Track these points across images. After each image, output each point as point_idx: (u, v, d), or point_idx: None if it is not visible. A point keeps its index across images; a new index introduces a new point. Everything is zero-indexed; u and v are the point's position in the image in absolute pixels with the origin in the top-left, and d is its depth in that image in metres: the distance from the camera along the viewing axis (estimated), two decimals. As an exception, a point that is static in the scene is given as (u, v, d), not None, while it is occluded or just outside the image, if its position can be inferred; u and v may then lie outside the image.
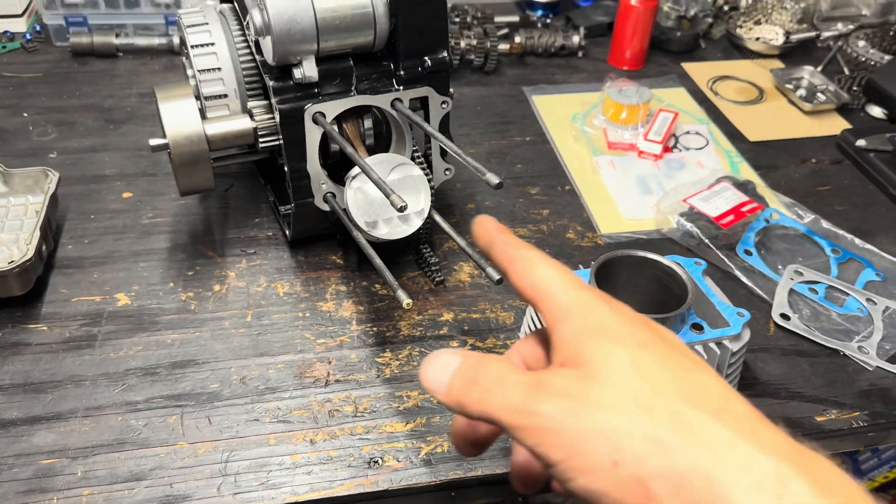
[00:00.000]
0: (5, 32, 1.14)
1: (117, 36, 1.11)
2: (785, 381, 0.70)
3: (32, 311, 0.72)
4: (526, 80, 1.14)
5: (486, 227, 0.41)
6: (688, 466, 0.31)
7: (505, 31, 1.20)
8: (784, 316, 0.75)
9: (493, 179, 0.54)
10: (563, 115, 1.06)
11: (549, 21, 1.24)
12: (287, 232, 0.79)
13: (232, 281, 0.77)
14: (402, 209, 0.52)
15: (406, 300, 0.55)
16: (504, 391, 0.34)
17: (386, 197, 0.54)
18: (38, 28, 1.15)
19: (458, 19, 1.18)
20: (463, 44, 1.12)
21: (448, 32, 0.70)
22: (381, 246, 0.67)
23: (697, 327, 0.63)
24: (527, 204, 0.91)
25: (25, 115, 0.99)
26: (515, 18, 1.24)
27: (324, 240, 0.81)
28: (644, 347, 0.34)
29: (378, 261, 0.60)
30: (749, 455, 0.31)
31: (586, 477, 0.32)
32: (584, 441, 0.32)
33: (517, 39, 1.17)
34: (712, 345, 0.63)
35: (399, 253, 0.81)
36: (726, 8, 1.27)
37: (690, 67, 1.17)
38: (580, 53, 1.19)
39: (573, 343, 0.35)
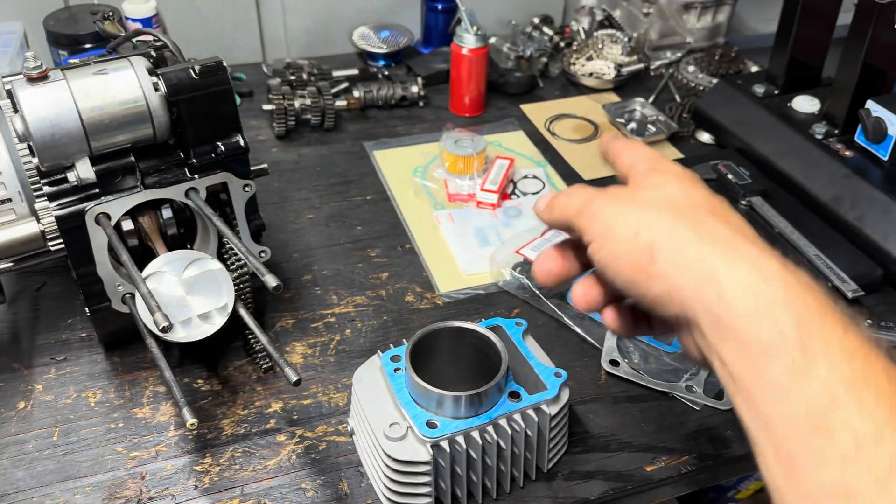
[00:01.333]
0: None
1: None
2: (616, 431, 0.70)
3: None
4: (367, 134, 1.13)
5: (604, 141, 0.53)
6: (691, 241, 0.42)
7: (344, 85, 1.19)
8: (613, 362, 0.75)
9: (271, 282, 0.51)
10: (405, 169, 1.05)
11: (387, 73, 1.24)
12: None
13: (38, 395, 0.71)
14: (164, 329, 0.49)
15: (190, 420, 0.52)
16: (571, 200, 0.48)
17: (150, 314, 0.50)
18: None
19: (293, 77, 1.16)
20: (297, 104, 1.10)
21: (238, 116, 0.67)
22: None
23: (515, 395, 0.62)
24: (366, 268, 0.89)
25: None
26: (355, 71, 1.22)
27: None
28: (695, 185, 0.46)
29: (168, 374, 0.57)
30: (750, 253, 0.41)
31: (612, 243, 0.44)
32: (619, 220, 0.44)
33: (355, 94, 1.16)
34: (530, 411, 0.62)
35: (227, 339, 0.77)
36: (563, 45, 1.30)
37: (529, 108, 1.18)
38: (421, 103, 1.19)
39: (638, 177, 0.48)
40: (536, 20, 1.32)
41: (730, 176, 0.97)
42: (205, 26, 1.25)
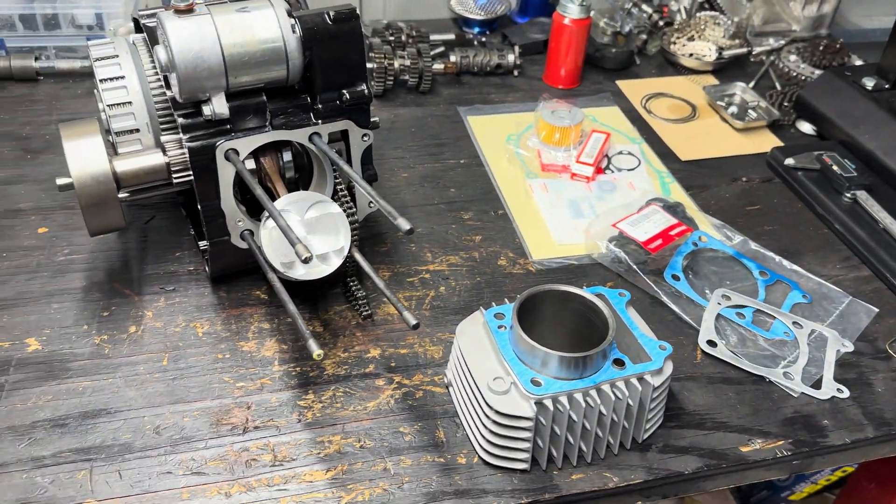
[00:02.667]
0: (-83, 56, 1.09)
1: (37, 59, 1.07)
2: (711, 410, 0.70)
3: (-67, 361, 0.69)
4: (461, 99, 1.13)
5: None
6: None
7: (441, 49, 1.19)
8: (711, 343, 0.75)
9: (404, 225, 0.52)
10: (498, 136, 1.05)
11: (484, 39, 1.23)
12: (207, 268, 0.76)
13: (149, 321, 0.74)
14: (306, 260, 0.50)
15: (316, 351, 0.53)
16: None
17: (291, 245, 0.52)
18: (-48, 51, 1.10)
19: (392, 38, 1.17)
20: (397, 64, 1.10)
21: (366, 66, 0.68)
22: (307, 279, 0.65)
23: (619, 363, 0.63)
24: (459, 230, 0.90)
25: (-65, 145, 0.95)
26: (451, 36, 1.23)
27: (248, 274, 0.79)
28: None
29: (291, 307, 0.58)
30: None
31: None
32: None
33: (452, 59, 1.16)
34: (634, 380, 0.62)
35: (328, 285, 0.79)
36: (661, 24, 1.28)
37: (625, 85, 1.17)
38: (516, 72, 1.18)
39: None
40: (636, -3, 1.30)
41: (835, 167, 0.94)
42: (307, -19, 1.27)
